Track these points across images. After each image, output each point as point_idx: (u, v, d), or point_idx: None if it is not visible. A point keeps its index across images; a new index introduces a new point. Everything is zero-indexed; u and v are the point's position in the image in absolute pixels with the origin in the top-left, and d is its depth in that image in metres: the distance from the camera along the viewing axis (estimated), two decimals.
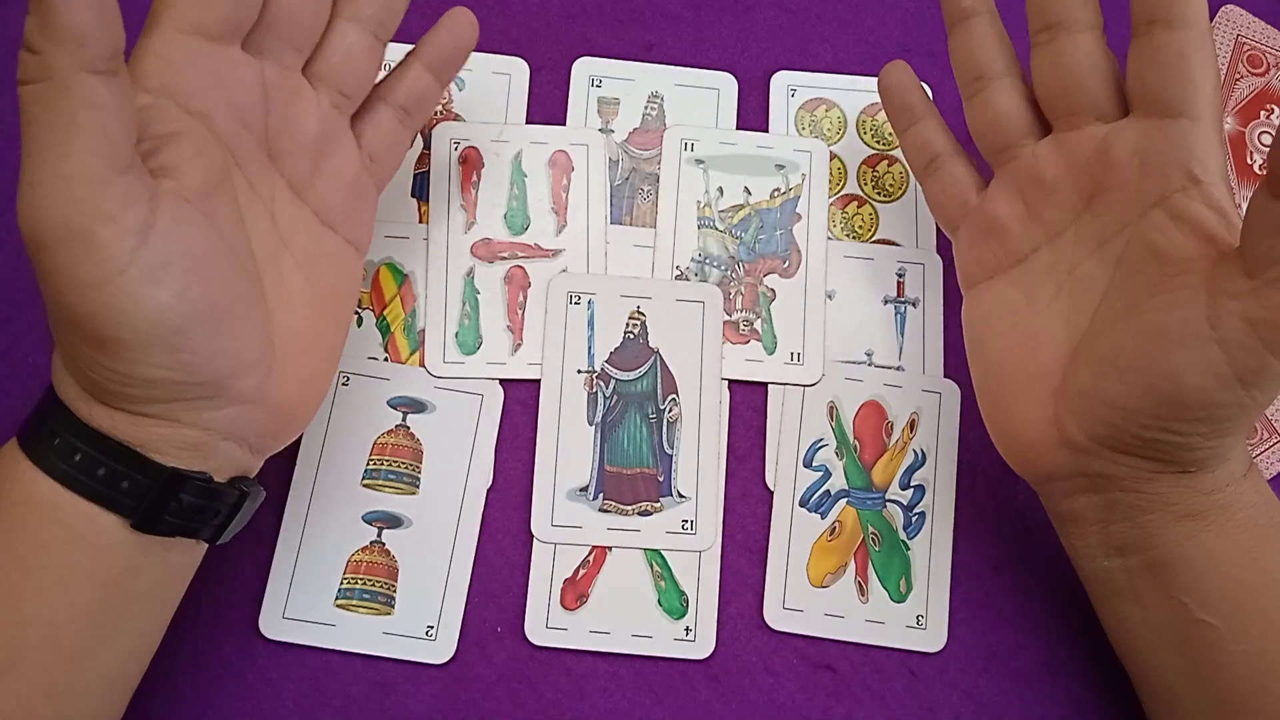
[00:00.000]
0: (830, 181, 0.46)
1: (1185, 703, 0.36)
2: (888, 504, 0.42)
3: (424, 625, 0.40)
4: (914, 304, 0.45)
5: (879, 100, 0.41)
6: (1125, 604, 0.36)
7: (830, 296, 0.44)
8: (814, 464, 0.42)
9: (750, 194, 0.45)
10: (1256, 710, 0.34)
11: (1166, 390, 0.31)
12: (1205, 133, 0.33)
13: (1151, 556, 0.35)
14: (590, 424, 0.42)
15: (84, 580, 0.30)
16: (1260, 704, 0.34)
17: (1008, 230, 0.37)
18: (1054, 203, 0.36)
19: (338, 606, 0.40)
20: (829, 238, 0.45)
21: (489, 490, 0.41)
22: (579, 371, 0.43)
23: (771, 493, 0.42)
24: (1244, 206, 0.46)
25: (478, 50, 0.46)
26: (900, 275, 0.45)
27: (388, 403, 0.42)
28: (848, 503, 0.42)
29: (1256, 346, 0.30)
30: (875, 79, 0.40)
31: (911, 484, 0.42)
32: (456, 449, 0.42)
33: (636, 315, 0.43)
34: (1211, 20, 0.48)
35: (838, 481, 0.42)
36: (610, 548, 0.41)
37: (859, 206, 0.46)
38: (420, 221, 0.44)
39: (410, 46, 0.47)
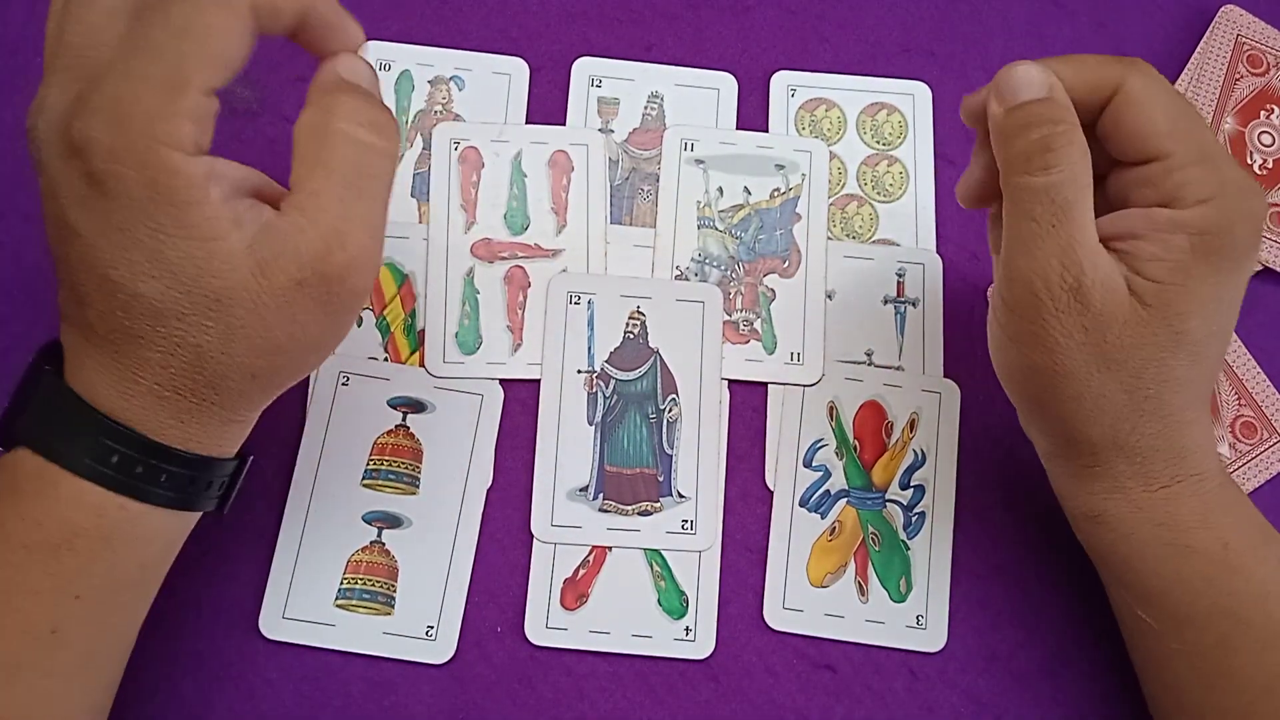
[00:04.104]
0: (830, 181, 0.46)
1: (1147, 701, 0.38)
2: (888, 504, 0.42)
3: (424, 625, 0.40)
4: (914, 304, 0.45)
5: (879, 100, 0.41)
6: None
7: (830, 296, 0.44)
8: (814, 464, 0.42)
9: (750, 194, 0.45)
10: (1210, 712, 0.34)
11: None
12: None
13: (1098, 549, 0.36)
14: (590, 424, 0.42)
15: (128, 564, 0.31)
16: (1208, 702, 0.34)
17: None
18: None
19: (338, 606, 0.40)
20: (829, 238, 0.45)
21: (489, 490, 0.41)
22: (579, 371, 0.43)
23: (771, 493, 0.42)
24: None
25: (478, 50, 0.47)
26: (900, 275, 0.45)
27: (388, 403, 0.42)
28: (848, 503, 0.42)
29: None
30: (875, 79, 0.39)
31: (911, 484, 0.42)
32: (456, 449, 0.42)
33: (636, 315, 0.43)
34: (1211, 20, 0.48)
35: (838, 481, 0.42)
36: (610, 548, 0.41)
37: (859, 206, 0.46)
38: (420, 221, 0.44)
39: (404, 45, 0.47)
